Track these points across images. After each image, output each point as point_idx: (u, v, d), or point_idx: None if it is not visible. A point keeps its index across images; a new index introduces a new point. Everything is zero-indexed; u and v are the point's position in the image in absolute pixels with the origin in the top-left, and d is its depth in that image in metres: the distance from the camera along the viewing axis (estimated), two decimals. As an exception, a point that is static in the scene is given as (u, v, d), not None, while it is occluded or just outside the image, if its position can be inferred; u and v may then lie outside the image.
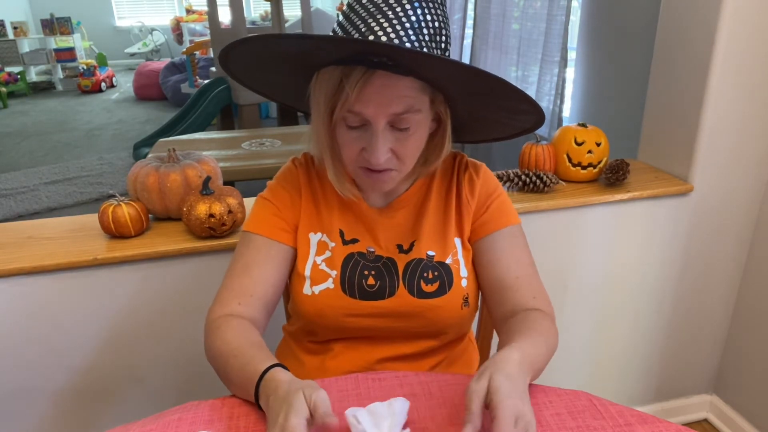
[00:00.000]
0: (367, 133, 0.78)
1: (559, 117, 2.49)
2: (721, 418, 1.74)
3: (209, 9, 4.47)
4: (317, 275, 0.88)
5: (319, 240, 0.90)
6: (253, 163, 3.06)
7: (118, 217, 1.16)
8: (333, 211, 0.91)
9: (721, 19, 1.31)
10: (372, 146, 0.77)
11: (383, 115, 0.76)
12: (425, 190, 0.93)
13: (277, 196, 0.91)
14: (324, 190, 0.92)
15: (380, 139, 0.77)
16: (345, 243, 0.90)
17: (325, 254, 0.89)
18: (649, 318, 1.63)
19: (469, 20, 3.36)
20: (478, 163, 0.95)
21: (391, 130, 0.78)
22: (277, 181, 0.94)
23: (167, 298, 1.23)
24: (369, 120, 0.76)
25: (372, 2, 0.74)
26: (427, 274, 0.88)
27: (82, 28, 7.99)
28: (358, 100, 0.75)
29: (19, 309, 1.15)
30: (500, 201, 0.92)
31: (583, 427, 0.68)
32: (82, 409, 1.27)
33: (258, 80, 0.91)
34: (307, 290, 0.87)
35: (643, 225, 1.51)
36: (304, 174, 0.93)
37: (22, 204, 3.64)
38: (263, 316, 0.87)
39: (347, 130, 0.79)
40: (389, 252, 0.90)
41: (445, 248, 0.89)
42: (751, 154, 1.47)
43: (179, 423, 0.69)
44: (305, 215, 0.91)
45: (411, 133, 0.79)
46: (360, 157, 0.81)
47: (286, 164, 0.95)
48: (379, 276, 0.88)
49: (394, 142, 0.79)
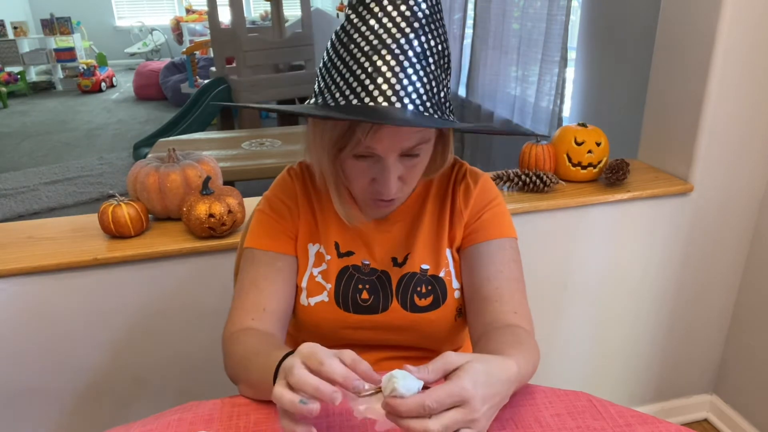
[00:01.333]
0: (377, 164, 0.76)
1: (559, 117, 2.49)
2: (721, 418, 1.73)
3: (209, 9, 4.47)
4: (313, 287, 0.87)
5: (317, 251, 0.89)
6: (253, 163, 3.06)
7: (118, 217, 1.16)
8: (329, 222, 0.89)
9: (720, 19, 1.30)
10: (383, 180, 0.76)
11: (395, 150, 0.74)
12: (421, 201, 0.91)
13: (275, 208, 0.89)
14: (320, 201, 0.90)
15: (392, 172, 0.75)
16: (340, 256, 0.88)
17: (321, 266, 0.88)
18: (649, 318, 1.63)
19: (469, 20, 3.36)
20: (479, 172, 0.93)
21: (401, 160, 0.76)
22: (273, 192, 0.91)
23: (167, 298, 1.23)
24: (380, 155, 0.74)
25: (369, 43, 0.69)
26: (420, 288, 0.87)
27: (82, 28, 7.99)
28: (371, 140, 0.72)
29: (19, 309, 1.15)
30: (495, 212, 0.89)
31: (583, 427, 0.68)
32: (82, 408, 1.27)
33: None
34: (303, 301, 0.87)
35: (643, 225, 1.50)
36: (301, 185, 0.91)
37: (22, 204, 3.64)
38: (279, 330, 0.83)
39: (356, 162, 0.77)
40: (384, 265, 0.89)
41: (438, 262, 0.88)
42: (751, 154, 1.47)
43: (179, 423, 0.69)
44: (303, 225, 0.89)
45: (420, 159, 0.78)
46: (370, 188, 0.79)
47: (281, 174, 0.93)
48: (373, 290, 0.87)
49: (404, 171, 0.77)
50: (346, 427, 0.67)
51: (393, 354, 0.91)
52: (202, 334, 1.27)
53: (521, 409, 0.70)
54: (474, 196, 0.89)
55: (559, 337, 1.58)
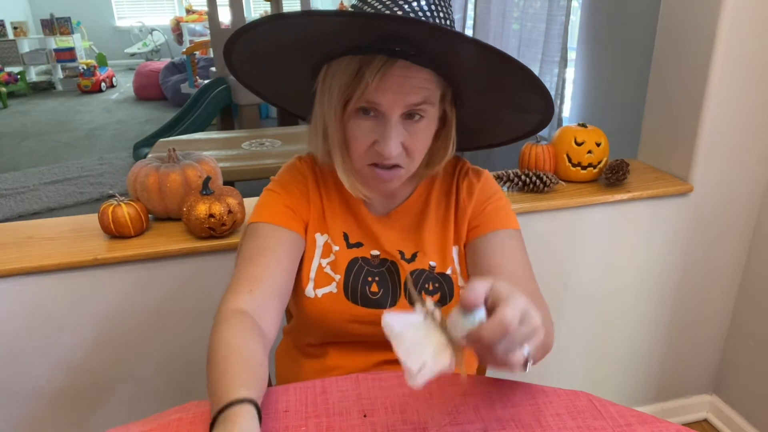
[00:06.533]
0: (380, 125, 0.76)
1: (559, 117, 2.49)
2: (721, 418, 1.73)
3: (209, 9, 4.46)
4: (321, 278, 0.86)
5: (324, 242, 0.88)
6: (253, 163, 3.06)
7: (118, 217, 1.16)
8: (336, 213, 0.89)
9: (720, 19, 1.30)
10: (385, 138, 0.75)
11: (400, 105, 0.74)
12: (425, 198, 0.91)
13: (286, 187, 0.88)
14: (328, 192, 0.90)
15: (394, 130, 0.75)
16: (349, 246, 0.88)
17: (329, 257, 0.87)
18: (649, 318, 1.63)
19: (469, 20, 3.36)
20: (481, 169, 0.93)
21: (404, 123, 0.76)
22: (283, 174, 0.90)
23: (167, 298, 1.23)
24: (384, 111, 0.75)
25: None
26: (428, 285, 0.87)
27: (82, 28, 7.99)
28: (377, 90, 0.73)
29: (19, 309, 1.15)
30: (499, 205, 0.89)
31: (583, 427, 0.68)
32: (82, 409, 1.27)
33: (256, 76, 0.88)
34: (309, 292, 0.86)
35: (643, 225, 1.50)
36: (310, 171, 0.90)
37: (22, 204, 3.64)
38: (277, 304, 0.80)
39: (360, 121, 0.77)
40: (393, 256, 0.88)
41: (444, 259, 0.88)
42: (751, 154, 1.47)
43: (179, 423, 0.69)
44: (314, 212, 0.88)
45: (423, 126, 0.78)
46: (370, 152, 0.78)
47: (291, 161, 0.92)
48: (383, 283, 0.87)
49: (406, 136, 0.77)
50: (347, 427, 0.67)
51: (392, 356, 0.90)
52: (202, 334, 1.27)
53: (521, 409, 0.70)
54: (477, 190, 0.89)
55: (559, 337, 1.57)
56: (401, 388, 0.75)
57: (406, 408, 0.71)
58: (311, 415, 0.69)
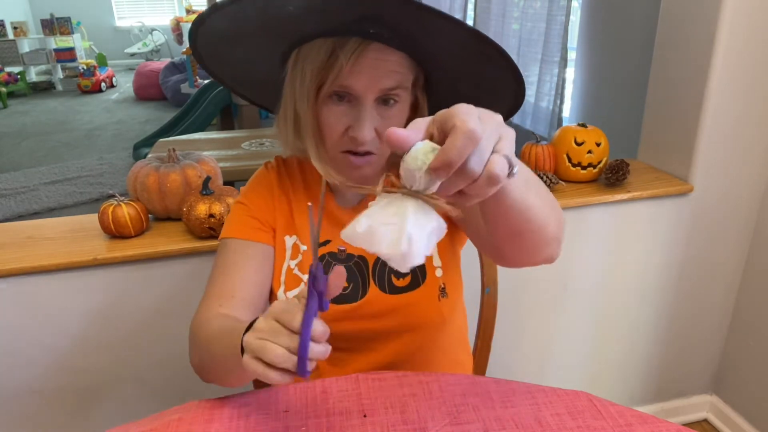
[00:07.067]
0: (354, 110, 0.75)
1: (559, 117, 2.49)
2: (721, 418, 1.73)
3: (209, 9, 4.46)
4: (291, 280, 0.86)
5: (293, 243, 0.88)
6: (253, 163, 3.06)
7: (118, 217, 1.16)
8: (304, 212, 0.89)
9: (720, 19, 1.30)
10: (359, 122, 0.75)
11: (374, 89, 0.74)
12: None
13: (249, 198, 0.90)
14: (295, 191, 0.90)
15: (368, 113, 0.75)
16: None
17: (297, 258, 0.87)
18: (649, 318, 1.63)
19: (469, 20, 3.36)
20: None
21: (378, 108, 0.76)
22: (250, 184, 0.92)
23: (167, 298, 1.23)
24: (358, 95, 0.74)
25: None
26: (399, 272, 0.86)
27: (82, 28, 7.98)
28: (351, 73, 0.72)
29: (19, 309, 1.15)
30: None
31: (583, 427, 0.68)
32: (82, 408, 1.27)
33: (222, 63, 0.86)
34: (281, 296, 0.86)
35: (643, 225, 1.50)
36: (276, 176, 0.91)
37: (22, 204, 3.64)
38: (249, 316, 0.79)
39: (333, 106, 0.76)
40: (360, 250, 0.88)
41: None
42: (751, 154, 1.47)
43: (179, 423, 0.69)
44: (280, 217, 0.89)
45: (396, 111, 0.77)
46: (344, 138, 0.78)
47: (259, 169, 0.94)
48: (352, 277, 0.86)
49: (380, 122, 0.76)
50: (347, 427, 0.67)
51: (376, 357, 0.89)
52: (202, 334, 1.27)
53: (521, 409, 0.71)
54: None
55: (559, 337, 1.58)
56: (401, 388, 0.75)
57: (406, 408, 0.71)
58: (311, 415, 0.69)
